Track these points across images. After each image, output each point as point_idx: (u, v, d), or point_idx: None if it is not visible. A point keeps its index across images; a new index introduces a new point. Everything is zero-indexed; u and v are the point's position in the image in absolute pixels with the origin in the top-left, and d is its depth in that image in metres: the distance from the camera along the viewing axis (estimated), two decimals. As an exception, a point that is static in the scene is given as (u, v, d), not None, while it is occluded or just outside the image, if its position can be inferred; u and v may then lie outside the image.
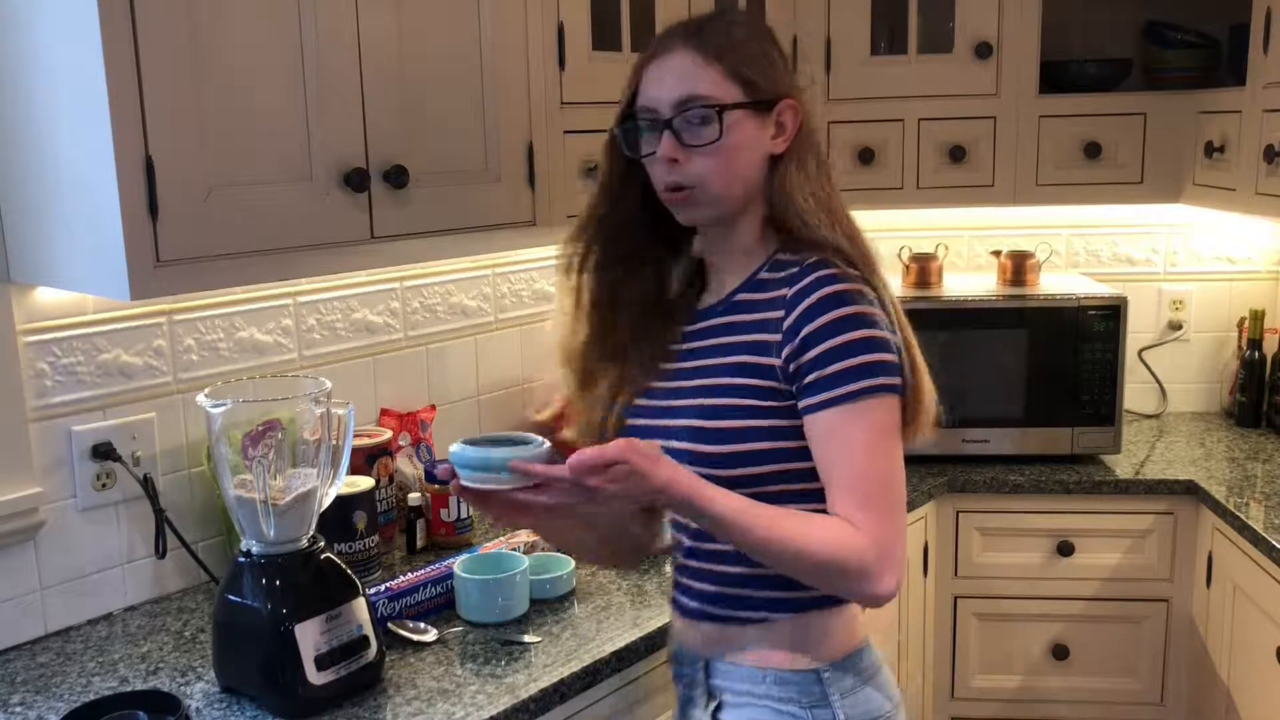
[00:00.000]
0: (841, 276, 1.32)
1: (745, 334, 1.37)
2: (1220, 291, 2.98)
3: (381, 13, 1.69)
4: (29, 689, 1.62)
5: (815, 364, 1.29)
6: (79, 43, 1.41)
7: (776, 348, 1.33)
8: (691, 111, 1.33)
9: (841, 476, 1.30)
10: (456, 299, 2.36)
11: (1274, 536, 2.12)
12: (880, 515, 1.28)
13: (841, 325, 1.29)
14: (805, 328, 1.30)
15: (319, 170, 1.64)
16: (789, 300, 1.32)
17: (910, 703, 2.58)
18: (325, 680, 1.51)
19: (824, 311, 1.30)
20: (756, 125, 1.36)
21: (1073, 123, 2.63)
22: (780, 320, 1.32)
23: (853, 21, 2.62)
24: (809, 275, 1.32)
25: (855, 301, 1.31)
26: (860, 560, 1.27)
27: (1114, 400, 2.57)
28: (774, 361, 1.33)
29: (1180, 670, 2.55)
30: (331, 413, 1.57)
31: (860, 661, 1.43)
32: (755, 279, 1.40)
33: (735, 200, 1.38)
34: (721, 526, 1.27)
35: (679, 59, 1.34)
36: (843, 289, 1.31)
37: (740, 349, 1.36)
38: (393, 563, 2.05)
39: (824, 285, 1.31)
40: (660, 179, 1.37)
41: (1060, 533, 2.54)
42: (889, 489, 1.31)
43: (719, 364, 1.38)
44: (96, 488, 1.81)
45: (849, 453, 1.29)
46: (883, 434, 1.31)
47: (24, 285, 1.70)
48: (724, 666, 1.44)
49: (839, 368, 1.29)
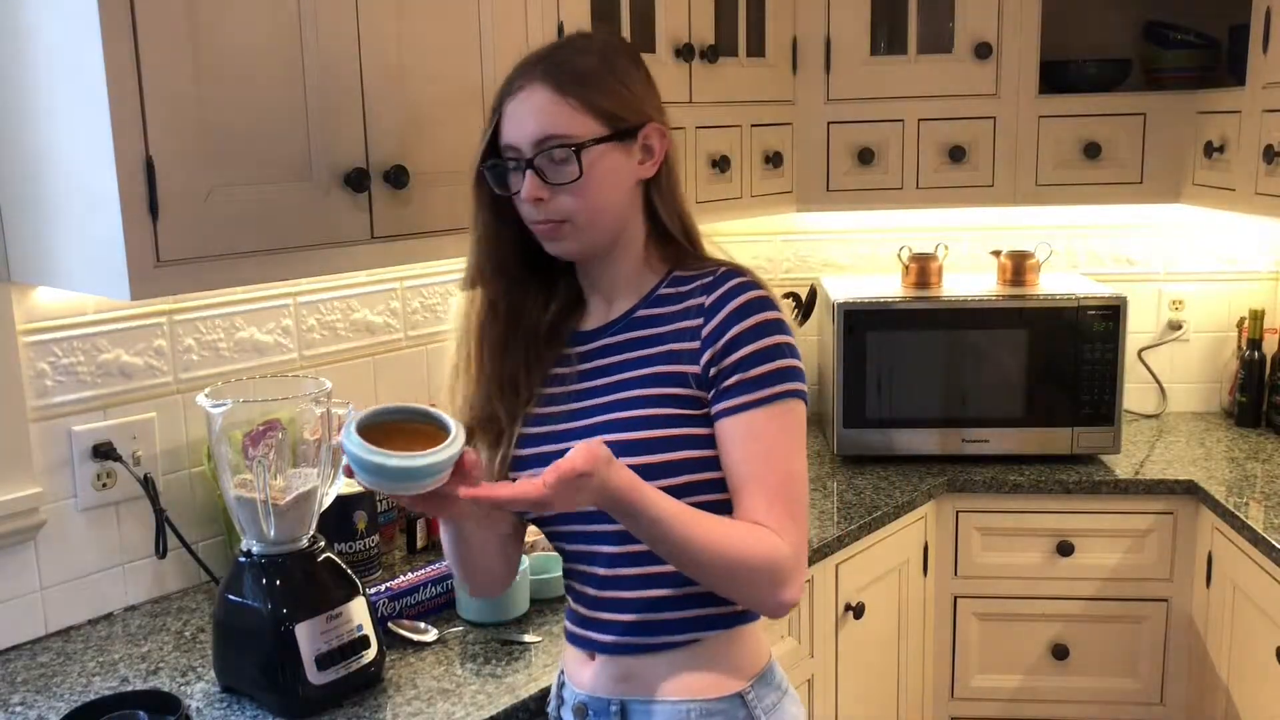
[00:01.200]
0: (757, 283, 1.33)
1: (656, 346, 1.35)
2: (1220, 291, 2.98)
3: (381, 13, 1.69)
4: (29, 689, 1.62)
5: (738, 367, 1.29)
6: (79, 43, 1.41)
7: (693, 355, 1.31)
8: (551, 151, 1.30)
9: (762, 480, 1.29)
10: (457, 299, 2.35)
11: (1274, 536, 2.12)
12: (798, 522, 1.29)
13: (764, 329, 1.30)
14: (729, 331, 1.30)
15: (319, 170, 1.64)
16: (708, 308, 1.32)
17: (910, 702, 2.58)
18: (325, 680, 1.51)
19: (748, 315, 1.30)
20: (622, 155, 1.34)
21: (1073, 123, 2.64)
22: (698, 328, 1.32)
23: (852, 21, 2.62)
24: (727, 282, 1.33)
25: (774, 308, 1.32)
26: (782, 566, 1.26)
27: (1114, 400, 2.57)
28: (692, 369, 1.31)
29: (1180, 670, 2.55)
30: (332, 413, 1.57)
31: (774, 675, 1.41)
32: (655, 295, 1.38)
33: (607, 230, 1.36)
34: (659, 528, 1.22)
35: (535, 96, 1.30)
36: (762, 294, 1.32)
37: (654, 360, 1.34)
38: (393, 563, 2.05)
39: (744, 291, 1.32)
40: (528, 216, 1.35)
41: (1060, 533, 2.54)
42: (804, 495, 1.32)
43: (630, 378, 1.35)
44: (97, 488, 1.81)
45: (770, 455, 1.29)
46: (798, 438, 1.32)
47: (24, 285, 1.70)
48: (643, 706, 1.36)
49: (762, 370, 1.29)
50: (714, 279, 1.34)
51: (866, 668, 2.41)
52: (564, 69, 1.31)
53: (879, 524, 2.34)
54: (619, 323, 1.40)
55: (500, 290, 1.42)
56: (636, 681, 1.36)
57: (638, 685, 1.37)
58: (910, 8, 2.62)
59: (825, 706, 2.29)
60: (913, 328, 2.62)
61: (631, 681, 1.37)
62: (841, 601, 2.30)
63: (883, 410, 2.64)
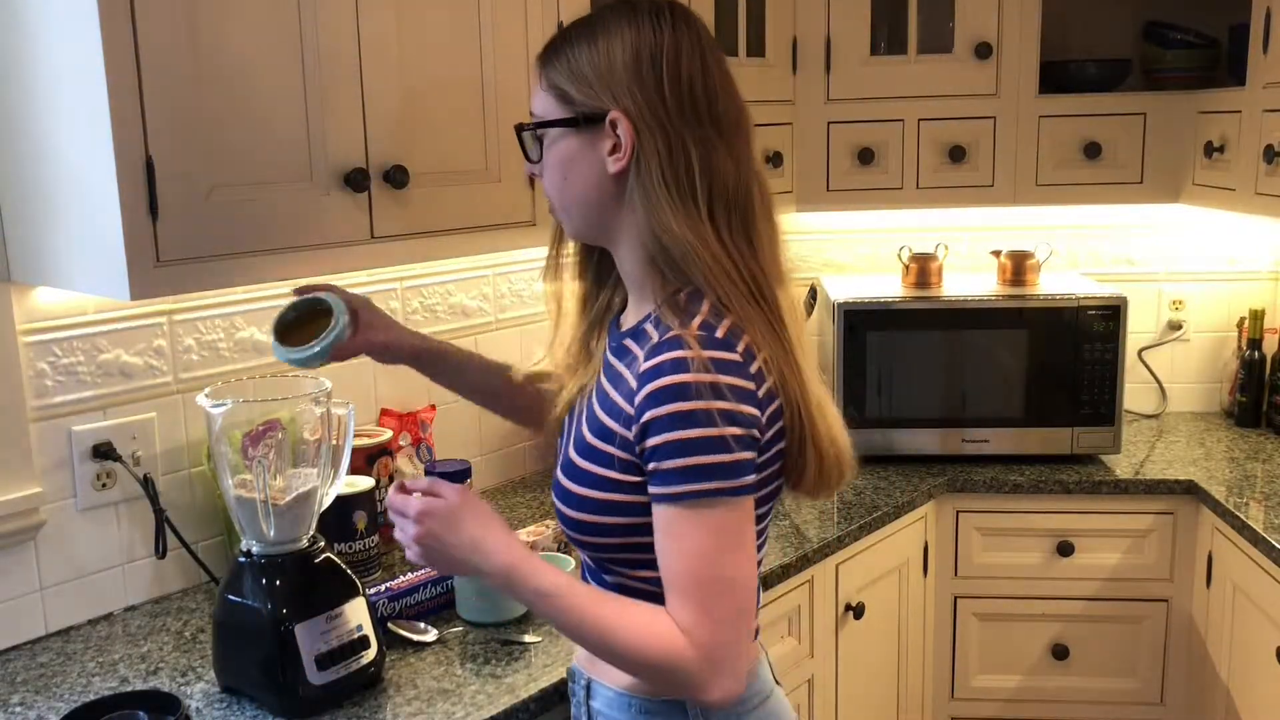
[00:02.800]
0: (689, 362, 1.16)
1: (614, 388, 1.26)
2: (1220, 291, 2.98)
3: (381, 13, 1.69)
4: (29, 689, 1.62)
5: (654, 454, 1.18)
6: (79, 43, 1.41)
7: (630, 421, 1.21)
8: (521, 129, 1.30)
9: (676, 578, 1.19)
10: (456, 299, 2.36)
11: (1274, 536, 2.12)
12: (715, 623, 1.17)
13: (679, 420, 1.15)
14: (646, 414, 1.17)
15: (319, 170, 1.64)
16: (640, 375, 1.19)
17: (910, 703, 2.58)
18: (325, 680, 1.51)
19: (664, 402, 1.16)
20: (581, 143, 1.24)
21: (1073, 123, 2.64)
22: (634, 393, 1.20)
23: (852, 21, 2.62)
24: (660, 355, 1.18)
25: (696, 395, 1.15)
26: (684, 668, 1.18)
27: (1114, 400, 2.57)
28: (626, 434, 1.21)
29: (1180, 670, 2.55)
30: (331, 413, 1.57)
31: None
32: (640, 328, 1.28)
33: (584, 221, 1.30)
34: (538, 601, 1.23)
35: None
36: (686, 380, 1.15)
37: (613, 411, 1.24)
38: (393, 563, 2.05)
39: (668, 373, 1.16)
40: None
41: (1060, 533, 2.54)
42: (728, 595, 1.18)
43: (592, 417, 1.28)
44: (96, 488, 1.81)
45: (684, 555, 1.18)
46: (724, 536, 1.18)
47: (24, 285, 1.70)
48: (601, 690, 1.37)
49: (675, 465, 1.16)
50: (657, 345, 1.19)
51: (866, 668, 2.41)
52: (553, 44, 1.29)
53: (879, 524, 2.34)
54: (617, 338, 1.33)
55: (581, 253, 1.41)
56: (598, 665, 1.37)
57: (599, 668, 1.37)
58: (910, 8, 2.62)
59: (825, 706, 2.29)
60: (913, 328, 2.62)
61: (596, 664, 1.37)
62: (841, 601, 2.30)
63: (883, 410, 2.64)
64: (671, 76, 1.21)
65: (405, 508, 1.29)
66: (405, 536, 1.29)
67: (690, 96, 1.22)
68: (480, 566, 1.27)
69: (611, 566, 1.31)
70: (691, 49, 1.23)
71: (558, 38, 1.29)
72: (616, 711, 1.36)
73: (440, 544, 1.27)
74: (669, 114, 1.21)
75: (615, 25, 1.24)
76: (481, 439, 2.44)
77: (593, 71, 1.23)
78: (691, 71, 1.22)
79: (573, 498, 1.28)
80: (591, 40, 1.24)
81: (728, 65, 1.28)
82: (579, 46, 1.24)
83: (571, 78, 1.24)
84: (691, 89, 1.22)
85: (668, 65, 1.21)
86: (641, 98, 1.21)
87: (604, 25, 1.24)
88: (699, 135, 1.22)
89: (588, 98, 1.23)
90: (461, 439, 2.38)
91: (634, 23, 1.23)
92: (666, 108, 1.21)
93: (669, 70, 1.21)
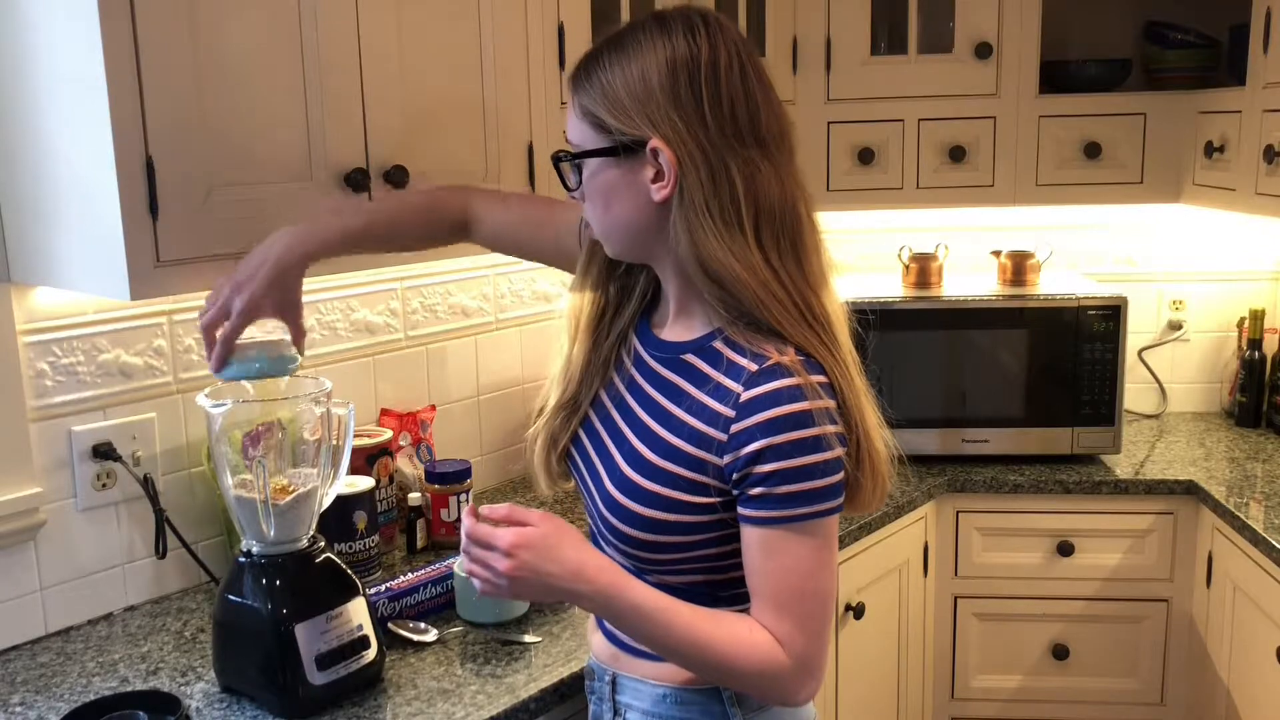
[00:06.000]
0: (802, 391, 1.17)
1: (688, 413, 1.24)
2: (1220, 291, 2.98)
3: (382, 13, 1.69)
4: (29, 689, 1.62)
5: (764, 481, 1.18)
6: (79, 43, 1.41)
7: (720, 447, 1.20)
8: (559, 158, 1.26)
9: (775, 594, 1.20)
10: (456, 299, 2.36)
11: (1274, 536, 2.12)
12: (811, 636, 1.20)
13: (797, 448, 1.16)
14: (758, 441, 1.17)
15: (319, 170, 1.64)
16: (743, 405, 1.18)
17: (910, 703, 2.58)
18: (325, 680, 1.51)
19: (780, 431, 1.16)
20: (622, 172, 1.21)
21: (1073, 123, 2.64)
22: (729, 420, 1.19)
23: (853, 21, 2.62)
24: (767, 384, 1.18)
25: (815, 422, 1.17)
26: (781, 676, 1.21)
27: (1114, 400, 2.57)
28: (713, 460, 1.20)
29: (1180, 670, 2.55)
30: (331, 413, 1.57)
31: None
32: (706, 347, 1.26)
33: (628, 246, 1.27)
34: (637, 620, 1.22)
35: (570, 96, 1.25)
36: (803, 409, 1.17)
37: (682, 431, 1.23)
38: (393, 563, 2.05)
39: (783, 403, 1.17)
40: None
41: (1060, 533, 2.54)
42: (824, 608, 1.22)
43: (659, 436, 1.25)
44: (96, 488, 1.81)
45: (784, 572, 1.20)
46: (821, 553, 1.21)
47: (24, 285, 1.70)
48: (630, 683, 1.37)
49: (789, 490, 1.17)
50: (758, 372, 1.19)
51: (866, 668, 2.41)
52: (584, 65, 1.23)
53: (879, 524, 2.34)
54: (669, 350, 1.31)
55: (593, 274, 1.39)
56: (624, 660, 1.38)
57: (625, 663, 1.38)
58: (910, 8, 2.62)
59: (825, 706, 2.29)
60: (913, 328, 2.62)
61: (620, 660, 1.39)
62: (842, 601, 2.30)
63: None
64: (711, 96, 1.17)
65: (494, 539, 1.21)
66: (493, 570, 1.21)
67: (732, 117, 1.18)
68: (581, 591, 1.21)
69: (655, 571, 1.30)
70: (730, 61, 1.18)
71: (588, 58, 1.24)
72: (648, 703, 1.36)
73: (537, 574, 1.20)
74: (710, 138, 1.17)
75: (648, 42, 1.19)
76: (481, 439, 2.44)
77: (629, 96, 1.18)
78: (731, 89, 1.18)
79: (636, 518, 1.26)
80: (625, 61, 1.19)
81: (766, 73, 1.23)
82: (612, 69, 1.19)
83: (607, 104, 1.20)
84: (734, 109, 1.18)
85: (706, 84, 1.17)
86: (681, 123, 1.17)
87: (636, 43, 1.19)
88: (743, 157, 1.19)
89: (626, 125, 1.19)
90: (461, 439, 2.38)
91: (668, 38, 1.18)
92: (708, 131, 1.17)
93: (708, 89, 1.17)
